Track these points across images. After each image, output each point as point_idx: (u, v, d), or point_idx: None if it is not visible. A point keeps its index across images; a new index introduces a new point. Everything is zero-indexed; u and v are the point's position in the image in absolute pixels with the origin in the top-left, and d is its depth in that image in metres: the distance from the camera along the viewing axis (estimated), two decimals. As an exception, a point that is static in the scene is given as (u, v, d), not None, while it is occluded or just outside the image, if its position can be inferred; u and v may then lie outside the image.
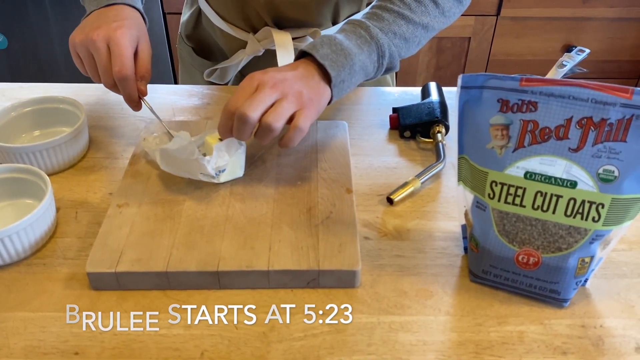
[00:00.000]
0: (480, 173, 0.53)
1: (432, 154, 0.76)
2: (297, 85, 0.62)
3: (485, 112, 0.51)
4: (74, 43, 0.68)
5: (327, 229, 0.61)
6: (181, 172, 0.66)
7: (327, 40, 0.66)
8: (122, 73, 0.66)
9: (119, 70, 0.66)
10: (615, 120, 0.48)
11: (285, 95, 0.61)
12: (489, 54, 1.85)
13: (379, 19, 0.70)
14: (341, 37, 0.67)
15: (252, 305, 0.56)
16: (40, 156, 0.69)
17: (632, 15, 1.77)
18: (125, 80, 0.67)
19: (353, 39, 0.67)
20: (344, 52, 0.66)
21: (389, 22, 0.70)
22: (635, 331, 0.54)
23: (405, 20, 0.71)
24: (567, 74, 0.81)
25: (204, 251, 0.58)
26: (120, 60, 0.66)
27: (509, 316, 0.55)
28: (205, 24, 0.94)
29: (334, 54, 0.65)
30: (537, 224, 0.52)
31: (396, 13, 0.70)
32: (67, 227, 0.64)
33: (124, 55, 0.66)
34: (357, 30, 0.68)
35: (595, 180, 0.49)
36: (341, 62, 0.65)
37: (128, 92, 0.68)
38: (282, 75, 0.63)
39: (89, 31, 0.67)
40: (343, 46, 0.66)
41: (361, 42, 0.67)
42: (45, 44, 1.82)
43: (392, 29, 0.70)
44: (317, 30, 0.85)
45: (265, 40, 0.86)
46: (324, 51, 0.65)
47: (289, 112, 0.61)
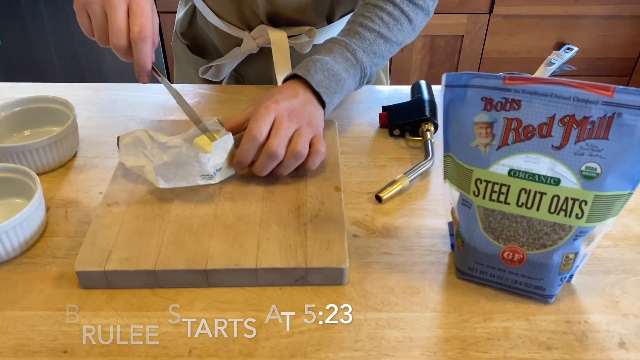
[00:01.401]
0: (465, 171, 0.54)
1: (421, 152, 0.77)
2: (306, 113, 0.67)
3: (470, 110, 0.52)
4: (78, 5, 0.64)
5: (316, 227, 0.61)
6: (179, 182, 0.64)
7: (319, 65, 0.70)
8: (143, 34, 0.62)
9: (139, 30, 0.61)
10: (597, 118, 0.48)
11: (301, 124, 0.66)
12: (482, 52, 1.85)
13: (362, 39, 0.74)
14: (331, 62, 0.71)
15: (240, 303, 0.56)
16: (30, 156, 0.69)
17: (623, 12, 1.78)
18: (144, 42, 0.62)
19: (341, 62, 0.72)
20: (335, 77, 0.71)
21: (370, 42, 0.74)
22: (619, 326, 0.54)
23: (384, 39, 0.75)
24: (555, 71, 0.81)
25: (193, 250, 0.58)
26: (141, 21, 0.62)
27: (494, 312, 0.56)
28: (200, 21, 0.94)
29: (327, 80, 0.70)
30: (522, 221, 0.53)
31: (377, 33, 0.74)
32: (57, 226, 0.64)
33: (146, 17, 0.62)
34: (345, 53, 0.72)
35: (578, 177, 0.50)
36: (333, 89, 0.71)
37: (143, 56, 0.63)
38: (291, 104, 0.67)
39: None
40: (334, 72, 0.71)
41: (348, 65, 0.72)
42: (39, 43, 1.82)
43: (373, 49, 0.74)
44: (313, 28, 0.85)
45: (261, 38, 0.86)
46: (318, 78, 0.70)
47: (309, 139, 0.66)
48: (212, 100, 0.87)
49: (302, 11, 0.83)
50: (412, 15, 0.77)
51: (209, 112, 0.84)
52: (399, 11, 0.75)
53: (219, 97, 0.87)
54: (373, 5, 0.75)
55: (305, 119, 0.67)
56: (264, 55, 0.89)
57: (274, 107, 0.65)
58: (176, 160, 0.63)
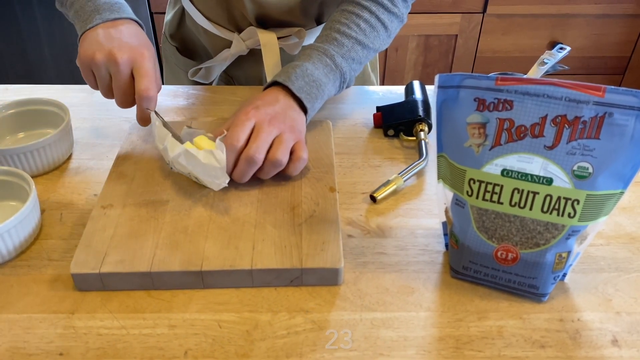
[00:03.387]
0: (458, 171, 0.54)
1: (415, 152, 0.77)
2: (287, 118, 0.67)
3: (462, 111, 0.52)
4: (92, 60, 0.67)
5: (311, 227, 0.61)
6: (194, 175, 0.64)
7: (299, 72, 0.71)
8: (148, 93, 0.66)
9: (146, 89, 0.65)
10: (588, 118, 0.49)
11: (283, 130, 0.66)
12: (476, 52, 1.86)
13: (340, 45, 0.74)
14: (311, 68, 0.71)
15: (235, 304, 0.56)
16: (24, 158, 0.69)
17: (616, 11, 1.79)
18: (149, 100, 0.66)
19: (321, 68, 0.72)
20: (315, 83, 0.71)
21: (348, 48, 0.75)
22: (611, 324, 0.55)
23: (361, 46, 0.76)
24: (548, 71, 0.82)
25: (188, 251, 0.58)
26: (147, 80, 0.66)
27: (488, 311, 0.56)
28: (189, 23, 0.94)
29: (308, 86, 0.70)
30: (516, 220, 0.53)
31: (354, 39, 0.75)
32: (52, 228, 0.64)
33: (151, 76, 0.66)
34: (324, 59, 0.73)
35: (570, 176, 0.50)
36: (314, 94, 0.71)
37: (144, 110, 0.67)
38: (272, 109, 0.67)
39: (111, 50, 0.66)
40: (314, 77, 0.71)
41: (327, 70, 0.73)
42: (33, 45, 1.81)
43: (351, 55, 0.75)
44: (302, 29, 0.85)
45: (250, 39, 0.87)
46: (298, 84, 0.70)
47: (290, 145, 0.66)
48: (204, 101, 0.87)
49: (291, 13, 0.84)
50: (388, 23, 0.78)
51: (202, 113, 0.84)
52: (375, 19, 0.76)
53: (211, 98, 0.87)
54: (349, 12, 0.76)
55: (287, 124, 0.66)
56: (254, 57, 0.90)
57: (254, 113, 0.65)
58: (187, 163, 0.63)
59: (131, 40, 0.68)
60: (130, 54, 0.66)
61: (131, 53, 0.66)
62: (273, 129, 0.65)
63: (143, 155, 0.72)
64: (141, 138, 0.75)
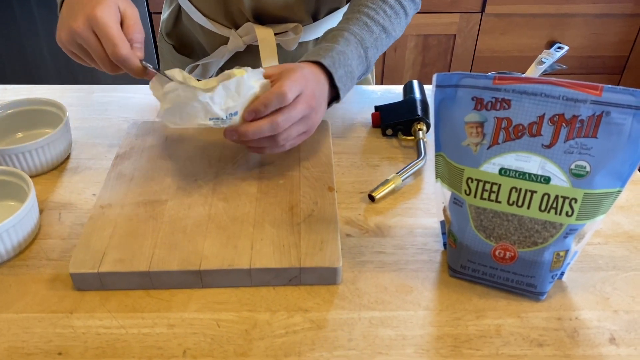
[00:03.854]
0: (456, 170, 0.54)
1: (413, 151, 0.77)
2: (320, 106, 0.67)
3: (460, 110, 0.52)
4: (62, 42, 0.65)
5: (309, 227, 0.61)
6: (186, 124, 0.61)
7: (343, 59, 0.70)
8: (117, 54, 0.62)
9: (112, 52, 0.62)
10: (586, 117, 0.49)
11: (309, 115, 0.65)
12: (475, 51, 1.86)
13: (370, 32, 0.74)
14: (350, 57, 0.71)
15: (234, 303, 0.56)
16: (23, 158, 0.69)
17: (614, 11, 1.79)
18: (124, 59, 0.62)
19: (355, 58, 0.72)
20: (351, 75, 0.71)
21: (376, 36, 0.74)
22: (609, 323, 0.55)
23: (386, 33, 0.75)
24: (546, 70, 0.82)
25: (186, 251, 0.58)
26: (109, 42, 0.62)
27: (487, 310, 0.56)
28: (185, 21, 0.94)
29: (346, 77, 0.70)
30: (514, 219, 0.53)
31: (381, 26, 0.74)
32: (51, 228, 0.65)
33: (111, 35, 0.62)
34: (359, 49, 0.72)
35: (568, 175, 0.50)
36: (348, 87, 0.71)
37: (130, 68, 0.64)
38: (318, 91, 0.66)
39: (70, 24, 0.63)
40: (352, 68, 0.71)
41: (359, 62, 0.73)
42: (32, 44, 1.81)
43: (376, 45, 0.74)
44: (299, 25, 0.86)
45: (247, 36, 0.87)
46: (340, 73, 0.69)
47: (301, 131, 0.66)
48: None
49: (288, 8, 0.84)
50: (408, 9, 0.78)
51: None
52: (398, 5, 0.76)
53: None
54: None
55: (319, 114, 0.66)
56: (251, 53, 0.90)
57: (305, 83, 0.64)
58: (176, 105, 0.60)
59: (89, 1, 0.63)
60: (84, 18, 0.62)
61: (85, 16, 0.62)
62: (307, 109, 0.64)
63: (142, 155, 0.72)
64: (140, 138, 0.75)
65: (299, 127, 0.65)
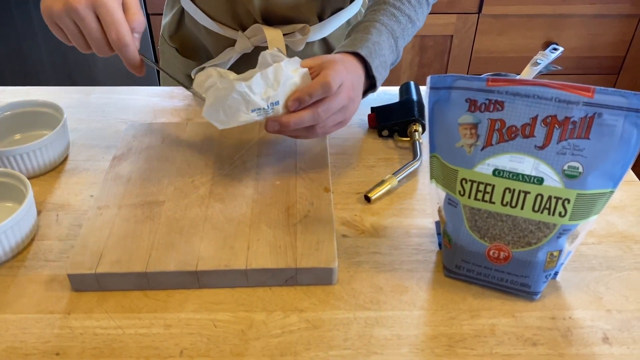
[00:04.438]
0: (450, 171, 0.55)
1: (409, 152, 0.77)
2: (358, 97, 0.68)
3: (454, 111, 0.52)
4: (51, 12, 0.60)
5: (305, 227, 0.62)
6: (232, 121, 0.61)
7: (378, 50, 0.71)
8: (122, 41, 0.60)
9: (117, 38, 0.60)
10: (578, 118, 0.49)
11: (348, 105, 0.66)
12: (471, 52, 1.86)
13: (398, 22, 0.74)
14: (385, 47, 0.71)
15: (230, 303, 0.57)
16: (21, 159, 0.70)
17: (610, 11, 1.80)
18: (126, 47, 0.61)
19: (387, 48, 0.73)
20: (385, 65, 0.72)
21: (403, 26, 0.75)
22: (602, 322, 0.55)
23: (412, 23, 0.76)
24: (541, 71, 0.82)
25: (183, 251, 0.59)
26: (115, 28, 0.60)
27: (481, 309, 0.57)
28: (188, 24, 0.94)
29: (381, 67, 0.71)
30: (508, 219, 0.54)
31: (407, 16, 0.75)
32: (48, 229, 0.65)
33: (118, 21, 0.60)
34: (390, 41, 0.73)
35: (561, 176, 0.51)
36: (383, 76, 0.72)
37: (129, 57, 0.63)
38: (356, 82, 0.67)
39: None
40: (385, 58, 0.72)
41: (390, 52, 0.73)
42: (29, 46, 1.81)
43: (404, 35, 0.75)
44: (306, 26, 0.86)
45: (255, 37, 0.87)
46: (376, 63, 0.70)
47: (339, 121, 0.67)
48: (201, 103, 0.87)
49: (296, 8, 0.84)
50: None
51: (198, 114, 0.84)
52: None
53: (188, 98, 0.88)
54: None
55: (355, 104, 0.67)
56: (257, 56, 0.90)
57: (346, 74, 0.65)
58: (217, 100, 0.59)
59: None
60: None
61: None
62: (346, 101, 0.65)
63: (139, 156, 0.72)
64: (137, 139, 0.75)
65: (336, 117, 0.66)
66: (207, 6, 0.89)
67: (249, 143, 0.75)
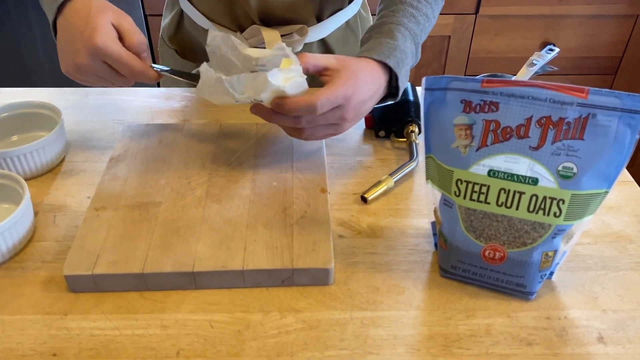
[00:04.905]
0: (446, 172, 0.55)
1: (406, 153, 0.78)
2: (365, 111, 0.66)
3: (449, 112, 0.53)
4: (72, 75, 0.67)
5: (302, 228, 0.62)
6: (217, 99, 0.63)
7: (404, 59, 0.69)
8: (134, 73, 0.65)
9: (129, 73, 0.65)
10: (572, 119, 0.49)
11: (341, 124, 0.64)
12: (469, 52, 1.87)
13: (417, 23, 0.73)
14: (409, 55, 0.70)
15: (227, 304, 0.57)
16: (18, 161, 0.70)
17: (608, 12, 1.80)
18: (141, 75, 0.65)
19: (410, 56, 0.71)
20: (407, 74, 0.70)
21: (422, 27, 0.74)
22: (597, 322, 0.56)
23: (429, 22, 0.75)
24: (537, 72, 0.83)
25: (180, 252, 0.59)
26: (122, 65, 0.64)
27: (477, 310, 0.57)
28: (188, 25, 0.95)
29: (404, 77, 0.69)
30: (503, 220, 0.54)
31: (425, 15, 0.74)
32: (45, 230, 0.65)
33: (121, 59, 0.63)
34: (412, 46, 0.71)
35: (556, 176, 0.51)
36: (404, 84, 0.70)
37: (146, 80, 0.67)
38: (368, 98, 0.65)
39: (74, 57, 0.64)
40: (409, 67, 0.70)
41: (412, 57, 0.71)
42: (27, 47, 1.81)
43: (422, 35, 0.74)
44: (304, 27, 0.86)
45: (253, 38, 0.87)
46: (402, 73, 0.68)
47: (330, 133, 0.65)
48: (198, 103, 0.87)
49: (294, 9, 0.84)
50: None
51: (195, 115, 0.84)
52: None
53: (205, 100, 0.88)
54: None
55: (358, 118, 0.65)
56: None
57: (353, 93, 0.62)
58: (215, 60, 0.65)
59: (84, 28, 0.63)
60: (86, 50, 0.62)
61: (86, 48, 0.62)
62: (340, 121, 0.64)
63: (136, 157, 0.72)
64: (134, 140, 0.75)
65: (326, 130, 0.65)
66: (205, 8, 0.89)
67: (245, 144, 0.75)
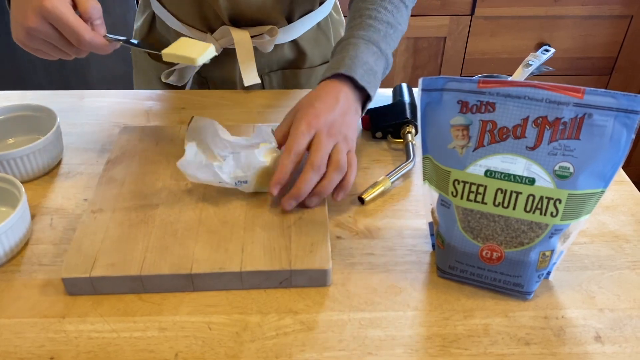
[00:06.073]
0: (443, 172, 0.55)
1: (402, 153, 0.78)
2: (344, 126, 0.67)
3: (446, 113, 0.53)
4: (22, 42, 0.64)
5: (299, 229, 0.62)
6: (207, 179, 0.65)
7: (357, 61, 0.70)
8: (81, 41, 0.62)
9: (76, 40, 0.62)
10: (568, 119, 0.50)
11: (338, 140, 0.66)
12: (465, 53, 1.87)
13: (376, 31, 0.74)
14: (365, 56, 0.71)
15: (225, 306, 0.57)
16: (14, 164, 0.70)
17: (602, 12, 1.81)
18: (89, 44, 0.62)
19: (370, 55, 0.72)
20: (372, 71, 0.71)
21: (384, 33, 0.75)
22: (594, 321, 0.56)
23: (393, 28, 0.76)
24: (533, 72, 0.83)
25: (178, 254, 0.59)
26: (69, 31, 0.61)
27: (474, 310, 0.57)
28: (159, 27, 0.95)
29: (367, 75, 0.70)
30: (500, 220, 0.54)
31: (385, 23, 0.75)
32: (42, 233, 0.65)
33: (69, 23, 0.61)
34: (371, 47, 0.72)
35: (552, 176, 0.51)
36: (373, 84, 0.71)
37: (98, 49, 0.64)
38: (332, 116, 0.66)
39: (22, 22, 0.61)
40: (370, 66, 0.71)
41: (376, 58, 0.72)
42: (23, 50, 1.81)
43: (386, 40, 0.75)
44: (274, 27, 0.86)
45: (223, 39, 0.87)
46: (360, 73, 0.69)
47: (345, 154, 0.66)
48: (176, 105, 0.87)
49: (263, 10, 0.85)
50: (407, 1, 0.79)
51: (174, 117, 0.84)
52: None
53: (180, 99, 0.88)
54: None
55: (342, 134, 0.66)
56: (227, 57, 0.90)
57: (315, 123, 0.64)
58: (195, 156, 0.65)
59: None
60: (35, 11, 0.60)
61: (36, 9, 0.60)
62: (331, 139, 0.65)
63: (133, 159, 0.72)
64: (131, 143, 0.75)
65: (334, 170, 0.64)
66: (176, 9, 0.89)
67: (242, 146, 0.75)
